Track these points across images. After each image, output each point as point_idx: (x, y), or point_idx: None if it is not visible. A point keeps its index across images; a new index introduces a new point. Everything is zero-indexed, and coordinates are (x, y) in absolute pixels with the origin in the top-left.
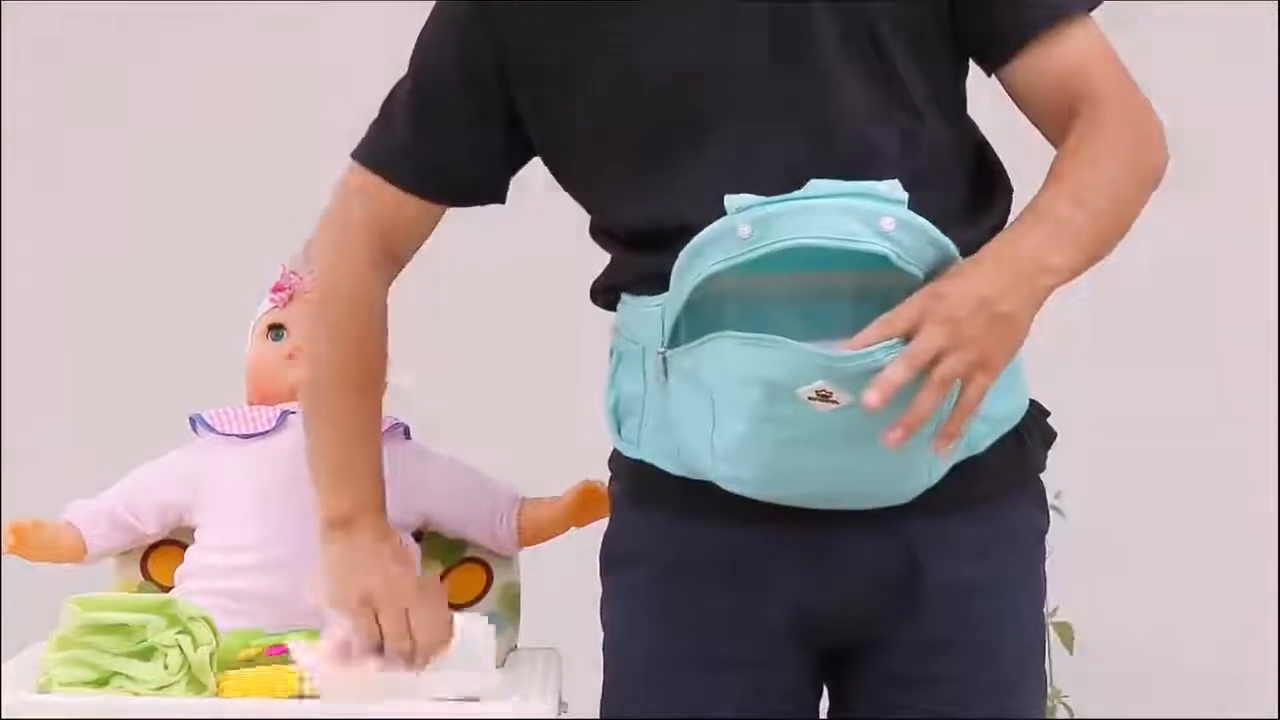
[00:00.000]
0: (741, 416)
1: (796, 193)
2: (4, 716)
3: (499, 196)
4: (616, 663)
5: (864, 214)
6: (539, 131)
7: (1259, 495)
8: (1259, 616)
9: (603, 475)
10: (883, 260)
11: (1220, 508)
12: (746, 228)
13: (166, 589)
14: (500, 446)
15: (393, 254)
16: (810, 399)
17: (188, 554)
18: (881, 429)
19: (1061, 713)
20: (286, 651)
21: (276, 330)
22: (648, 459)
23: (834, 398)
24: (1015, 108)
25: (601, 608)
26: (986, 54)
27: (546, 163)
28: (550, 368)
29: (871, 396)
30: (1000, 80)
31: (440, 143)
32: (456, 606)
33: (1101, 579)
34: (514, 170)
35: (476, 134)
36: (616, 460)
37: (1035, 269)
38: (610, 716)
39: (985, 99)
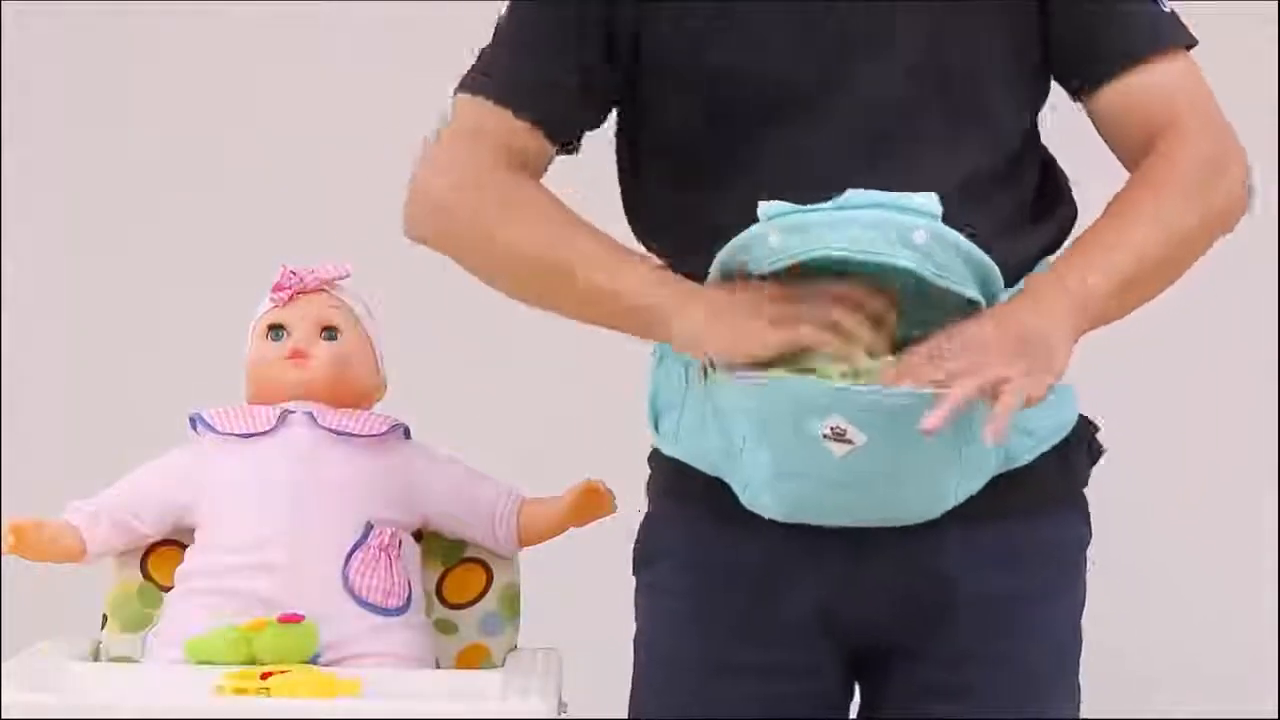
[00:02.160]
0: (765, 451)
1: (829, 203)
2: (4, 716)
3: (595, 124)
4: (645, 659)
5: (896, 226)
6: (628, 79)
7: (1259, 495)
8: (1259, 616)
9: (602, 475)
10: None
11: (1220, 507)
12: (777, 236)
13: (166, 589)
14: (500, 446)
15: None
16: (825, 437)
17: (188, 554)
18: (899, 469)
19: None
20: (301, 619)
21: (276, 330)
22: (683, 457)
23: (848, 436)
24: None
25: (635, 603)
26: (1077, 77)
27: (623, 115)
28: (551, 368)
29: (931, 421)
30: (1086, 106)
31: (544, 64)
32: (457, 606)
33: (1101, 579)
34: (609, 103)
35: (573, 55)
36: (654, 456)
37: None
38: (636, 714)
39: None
